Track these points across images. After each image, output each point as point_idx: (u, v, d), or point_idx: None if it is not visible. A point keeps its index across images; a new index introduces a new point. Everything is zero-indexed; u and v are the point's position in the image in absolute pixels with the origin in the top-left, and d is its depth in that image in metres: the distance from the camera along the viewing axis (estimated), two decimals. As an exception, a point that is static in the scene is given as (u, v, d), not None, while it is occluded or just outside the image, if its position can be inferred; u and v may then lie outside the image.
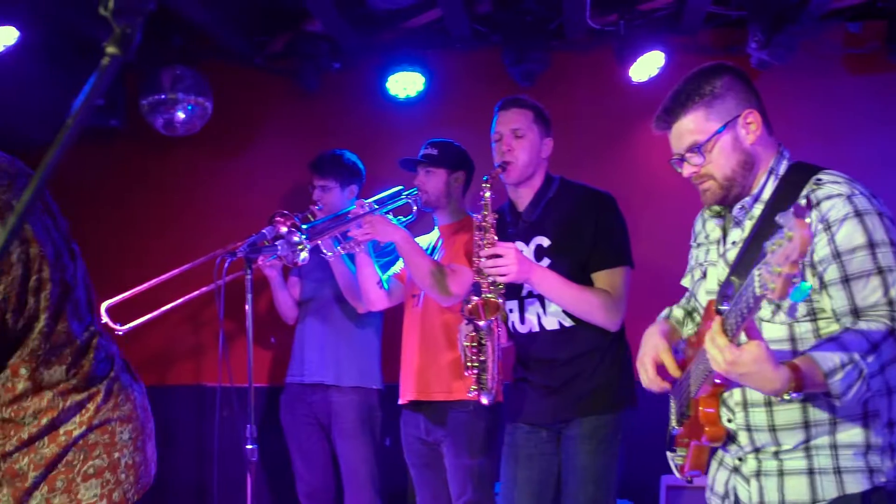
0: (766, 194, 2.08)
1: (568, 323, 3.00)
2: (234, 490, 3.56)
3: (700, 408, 2.03)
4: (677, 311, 2.42)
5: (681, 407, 2.19)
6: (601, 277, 2.99)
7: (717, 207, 2.23)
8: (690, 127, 2.08)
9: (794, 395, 1.79)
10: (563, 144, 3.84)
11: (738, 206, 2.12)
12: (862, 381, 1.80)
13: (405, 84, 4.54)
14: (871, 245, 1.90)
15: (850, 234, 1.90)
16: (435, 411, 3.42)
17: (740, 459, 2.08)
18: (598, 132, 4.75)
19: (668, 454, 2.29)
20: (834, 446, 1.95)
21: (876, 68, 4.62)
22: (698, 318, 2.31)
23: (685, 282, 2.36)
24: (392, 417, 3.67)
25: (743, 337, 1.78)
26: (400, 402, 3.56)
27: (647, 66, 4.40)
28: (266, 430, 4.14)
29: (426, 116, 4.71)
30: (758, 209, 2.08)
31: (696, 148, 2.07)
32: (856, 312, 1.90)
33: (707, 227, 2.28)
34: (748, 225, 2.09)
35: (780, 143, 2.14)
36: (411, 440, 3.52)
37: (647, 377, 2.19)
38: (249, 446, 3.07)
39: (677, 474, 2.27)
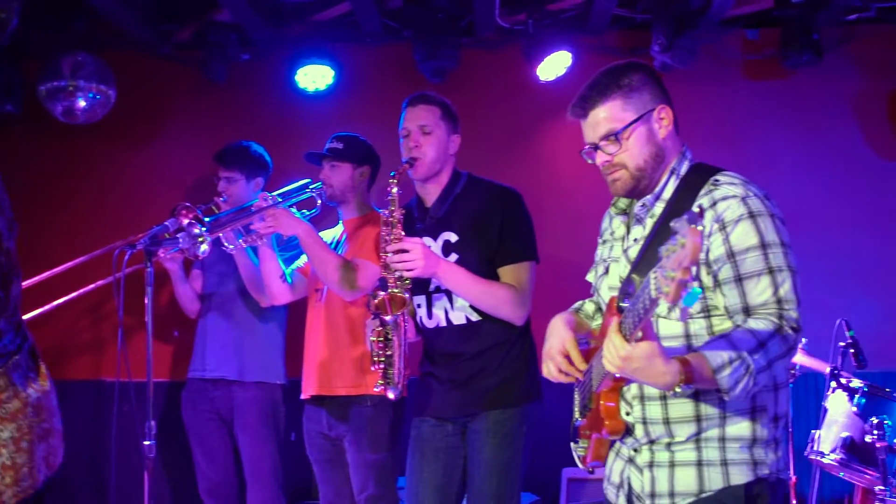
0: (667, 193, 2.14)
1: (475, 318, 3.02)
2: (133, 487, 3.48)
3: (601, 401, 2.08)
4: (588, 306, 2.47)
5: (584, 399, 2.26)
6: (507, 272, 3.02)
7: (622, 205, 2.29)
8: (607, 115, 2.12)
9: (685, 387, 1.84)
10: (472, 141, 3.88)
11: (639, 203, 2.18)
12: (749, 376, 1.87)
13: (314, 77, 4.50)
14: (764, 246, 1.96)
15: (743, 235, 1.97)
16: (338, 406, 3.41)
17: (635, 451, 2.13)
18: (506, 129, 4.81)
19: (572, 445, 2.34)
20: (722, 439, 2.02)
21: (771, 74, 4.80)
22: None
23: (590, 277, 2.40)
24: (298, 412, 3.65)
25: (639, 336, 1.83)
26: (302, 396, 3.53)
27: (554, 65, 4.47)
28: (167, 426, 4.06)
29: (335, 110, 4.69)
30: (659, 207, 2.14)
31: (613, 135, 2.11)
32: (747, 310, 1.97)
33: (613, 224, 2.33)
34: (649, 223, 2.15)
35: (684, 144, 2.20)
36: (314, 435, 3.50)
37: (552, 369, 2.22)
38: (147, 442, 3.00)
39: (580, 465, 2.33)
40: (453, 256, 3.03)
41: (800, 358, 3.80)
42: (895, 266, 4.63)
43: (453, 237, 3.06)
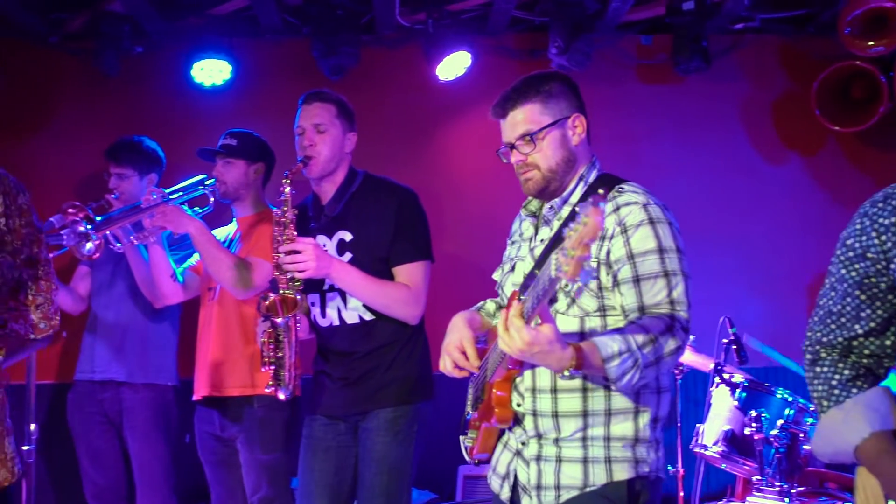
0: (575, 198, 2.23)
1: (368, 317, 3.03)
2: (13, 493, 3.36)
3: (493, 391, 2.15)
4: (490, 304, 2.52)
5: (476, 392, 2.33)
6: (402, 272, 3.04)
7: (532, 207, 2.36)
8: (525, 117, 2.22)
9: (573, 372, 1.91)
10: (371, 139, 3.89)
11: (548, 206, 2.27)
12: (636, 369, 1.95)
13: (211, 72, 4.43)
14: (661, 250, 2.07)
15: (643, 239, 2.07)
16: (230, 407, 3.37)
17: (523, 443, 2.20)
18: (406, 128, 4.83)
19: (461, 438, 2.40)
20: (607, 438, 2.11)
21: (664, 79, 4.95)
22: None
23: (496, 275, 2.46)
24: (192, 414, 3.58)
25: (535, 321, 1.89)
26: (194, 397, 3.47)
27: (453, 65, 4.51)
28: (52, 429, 3.94)
29: (232, 106, 4.62)
30: (565, 211, 2.23)
31: (529, 136, 2.20)
32: (642, 309, 2.06)
33: (523, 226, 2.41)
34: (556, 225, 2.24)
35: (594, 154, 2.31)
36: (205, 437, 3.44)
37: (447, 364, 2.27)
38: (26, 447, 2.91)
39: (466, 457, 2.38)
40: (347, 255, 3.03)
41: (687, 354, 3.93)
42: (776, 265, 4.83)
43: (348, 236, 3.06)
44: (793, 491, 3.36)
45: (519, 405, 2.18)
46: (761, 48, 4.98)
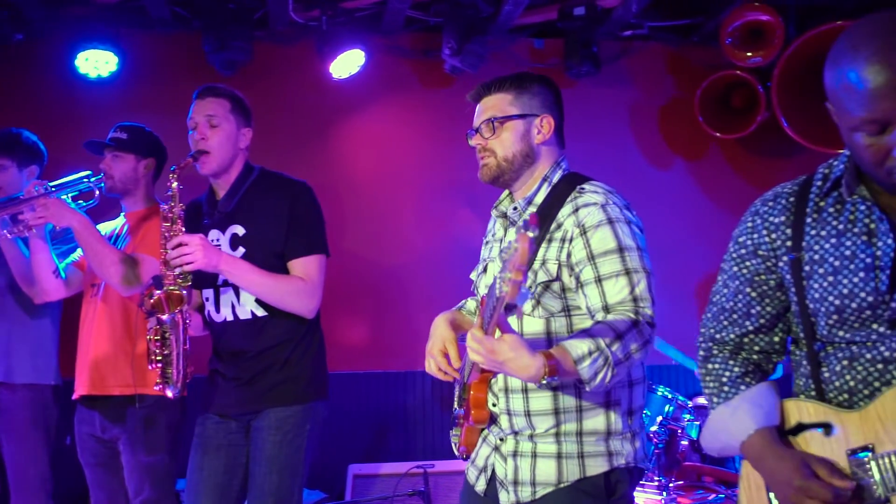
0: (539, 198, 2.25)
1: (260, 313, 2.98)
2: None
3: (471, 392, 2.21)
4: (471, 303, 2.55)
5: (460, 391, 2.36)
6: (297, 265, 3.01)
7: (503, 207, 2.37)
8: (494, 104, 2.28)
9: (550, 379, 1.93)
10: (266, 136, 3.82)
11: (511, 207, 2.29)
12: (608, 367, 1.98)
13: (96, 63, 4.28)
14: (621, 249, 2.10)
15: (603, 239, 2.10)
16: (111, 407, 3.26)
17: (501, 440, 2.25)
18: (301, 125, 4.79)
19: (451, 432, 2.44)
20: (580, 434, 2.16)
21: (556, 82, 5.01)
22: None
23: (472, 275, 2.49)
24: (73, 414, 3.46)
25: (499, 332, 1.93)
26: (74, 396, 3.36)
27: (347, 63, 4.50)
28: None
29: (119, 99, 4.49)
30: (530, 211, 2.24)
31: (492, 121, 2.25)
32: (606, 308, 2.09)
33: (496, 225, 2.43)
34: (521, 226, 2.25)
35: (563, 157, 2.35)
36: (86, 438, 3.33)
37: (432, 367, 2.30)
38: None
39: (455, 451, 2.42)
40: (240, 250, 2.98)
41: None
42: (663, 266, 4.97)
43: (241, 230, 3.02)
44: (671, 485, 3.48)
45: (494, 405, 2.22)
46: (649, 55, 5.15)
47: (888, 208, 1.66)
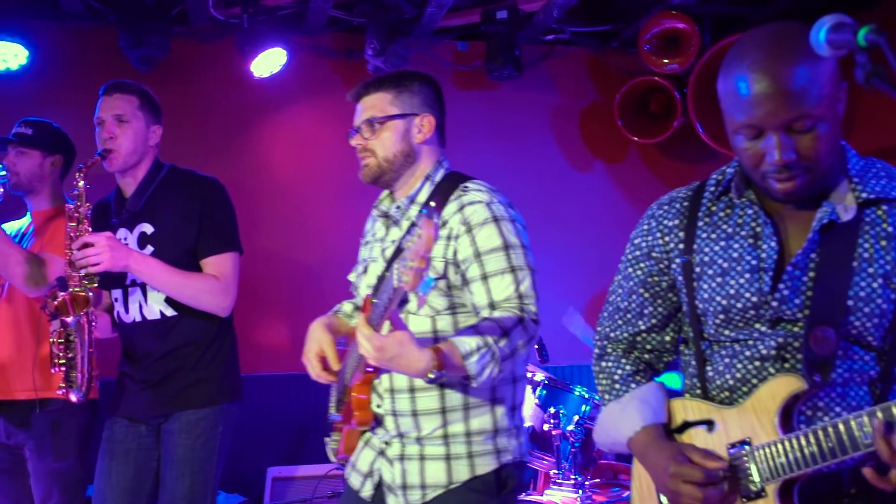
0: (422, 197, 2.26)
1: (170, 312, 2.93)
2: None
3: (353, 394, 2.19)
4: (347, 306, 2.53)
5: (339, 394, 2.35)
6: (210, 263, 2.97)
7: (384, 207, 2.36)
8: (373, 104, 2.26)
9: (437, 374, 1.94)
10: (185, 133, 3.77)
11: (394, 206, 2.29)
12: (495, 363, 2.01)
13: (4, 55, 4.16)
14: (507, 247, 2.13)
15: (488, 237, 2.12)
16: (17, 412, 3.17)
17: (387, 443, 2.23)
18: (220, 123, 4.72)
19: (326, 440, 2.42)
20: (468, 434, 2.17)
21: (479, 85, 5.08)
22: None
23: (351, 276, 2.48)
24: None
25: (388, 327, 1.93)
26: (-24, 402, 3.25)
27: (269, 62, 4.45)
28: None
29: (29, 93, 4.36)
30: (413, 210, 2.25)
31: (372, 122, 2.24)
32: (492, 306, 2.11)
33: (375, 226, 2.41)
34: (405, 225, 2.26)
35: (444, 155, 2.34)
36: (-11, 445, 3.23)
37: (314, 370, 2.28)
38: None
39: (332, 458, 2.40)
40: (149, 249, 2.93)
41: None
42: (576, 268, 5.05)
43: (149, 229, 2.96)
44: (587, 483, 3.52)
45: (379, 406, 2.21)
46: (570, 60, 5.21)
47: (773, 212, 1.71)
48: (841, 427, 1.51)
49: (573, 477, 3.55)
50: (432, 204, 1.71)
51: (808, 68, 1.52)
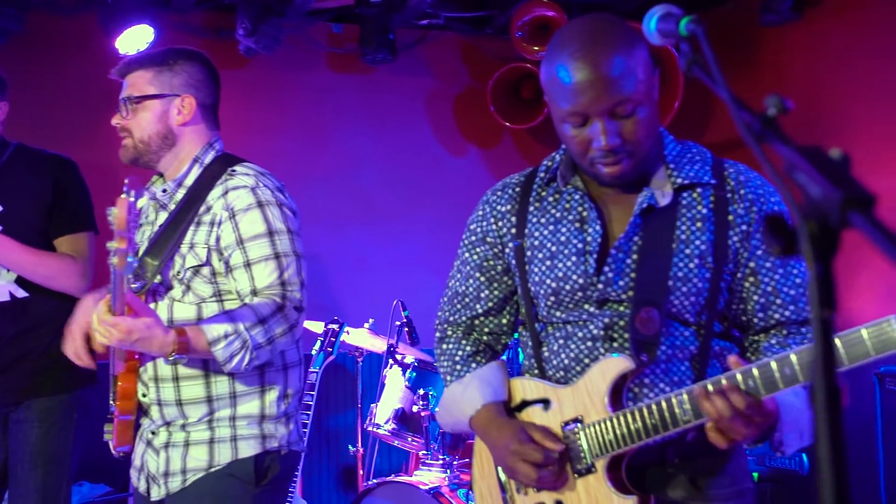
0: (189, 180, 2.20)
1: (20, 294, 2.82)
2: None
3: (119, 383, 2.11)
4: None
5: (112, 384, 2.23)
6: (64, 243, 2.88)
7: (156, 188, 2.28)
8: (133, 82, 2.19)
9: (178, 356, 1.93)
10: (42, 109, 3.62)
11: (160, 189, 2.22)
12: (245, 350, 1.99)
13: None
14: (271, 233, 2.09)
15: (252, 223, 2.09)
16: None
17: (153, 433, 2.17)
18: (81, 100, 4.54)
19: (104, 429, 2.29)
20: (233, 418, 2.13)
21: (354, 68, 5.05)
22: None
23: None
24: None
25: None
26: None
27: (135, 39, 4.30)
28: None
29: None
30: (180, 193, 2.19)
31: (128, 100, 2.17)
32: (255, 293, 2.08)
33: (148, 209, 2.33)
34: (172, 209, 2.19)
35: (216, 138, 2.27)
36: None
37: (69, 349, 2.18)
38: None
39: (112, 450, 2.29)
40: None
41: (366, 337, 4.06)
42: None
43: None
44: (455, 463, 3.58)
45: (144, 395, 2.15)
46: (445, 45, 5.24)
47: (598, 198, 1.77)
48: (663, 405, 1.59)
49: (441, 457, 3.60)
50: (127, 180, 1.68)
51: (625, 56, 1.60)
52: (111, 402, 2.26)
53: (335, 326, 3.83)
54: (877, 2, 4.08)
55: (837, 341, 1.42)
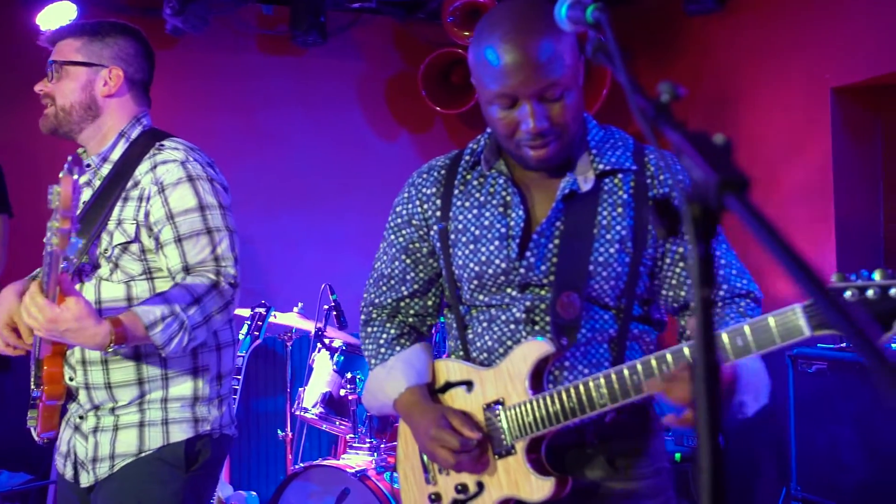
0: (115, 155, 2.13)
1: None
2: None
3: (45, 367, 2.04)
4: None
5: (36, 369, 2.16)
6: None
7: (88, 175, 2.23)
8: (61, 48, 2.13)
9: (116, 347, 1.86)
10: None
11: (85, 164, 2.15)
12: (184, 331, 1.94)
13: None
14: (202, 208, 2.04)
15: (182, 197, 2.03)
16: None
17: (81, 417, 2.11)
18: (4, 79, 4.42)
19: (28, 416, 2.22)
20: (165, 400, 2.07)
21: (284, 50, 5.00)
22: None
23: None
24: None
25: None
26: None
27: (57, 15, 4.20)
28: None
29: None
30: (106, 168, 2.13)
31: (52, 64, 2.11)
32: (187, 269, 2.03)
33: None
34: (97, 184, 2.13)
35: (144, 114, 2.21)
36: None
37: (1, 342, 2.10)
38: None
39: (35, 436, 2.23)
40: None
41: (295, 321, 4.04)
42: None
43: None
44: (382, 446, 3.60)
45: (72, 379, 2.09)
46: (377, 28, 5.22)
47: (521, 182, 1.79)
48: (581, 388, 1.62)
49: (369, 440, 3.62)
50: (70, 158, 1.63)
51: (554, 41, 1.60)
52: (33, 386, 2.21)
53: (262, 310, 3.81)
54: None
55: (746, 328, 1.46)
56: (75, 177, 1.55)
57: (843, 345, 3.46)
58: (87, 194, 2.14)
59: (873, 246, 4.03)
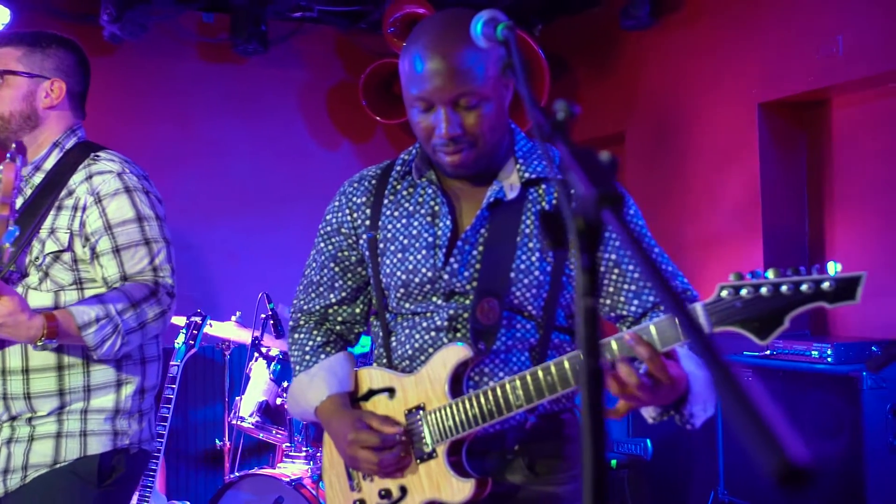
0: (48, 164, 2.14)
1: None
2: None
3: None
4: None
5: None
6: None
7: (25, 172, 2.20)
8: (7, 55, 2.13)
9: (47, 341, 1.87)
10: None
11: (23, 171, 2.15)
12: (117, 335, 1.96)
13: None
14: (140, 219, 2.07)
15: (120, 208, 2.06)
16: None
17: None
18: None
19: None
20: (86, 411, 2.07)
21: (225, 58, 4.99)
22: None
23: None
24: None
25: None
26: None
27: (-10, 20, 4.16)
28: None
29: None
30: (38, 177, 2.14)
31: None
32: (125, 279, 2.05)
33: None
34: (28, 193, 2.12)
35: (79, 126, 2.23)
36: None
37: None
38: None
39: None
40: None
41: (233, 330, 4.03)
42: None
43: None
44: (318, 455, 3.60)
45: None
46: (319, 38, 5.24)
47: (450, 191, 1.84)
48: (498, 391, 1.66)
49: (305, 449, 3.62)
50: (13, 146, 1.63)
51: (476, 52, 1.64)
52: None
53: (198, 319, 3.79)
54: (716, 12, 4.33)
55: (652, 328, 1.52)
56: (17, 163, 1.55)
57: (769, 353, 3.56)
58: (17, 202, 2.12)
59: (799, 255, 4.16)
